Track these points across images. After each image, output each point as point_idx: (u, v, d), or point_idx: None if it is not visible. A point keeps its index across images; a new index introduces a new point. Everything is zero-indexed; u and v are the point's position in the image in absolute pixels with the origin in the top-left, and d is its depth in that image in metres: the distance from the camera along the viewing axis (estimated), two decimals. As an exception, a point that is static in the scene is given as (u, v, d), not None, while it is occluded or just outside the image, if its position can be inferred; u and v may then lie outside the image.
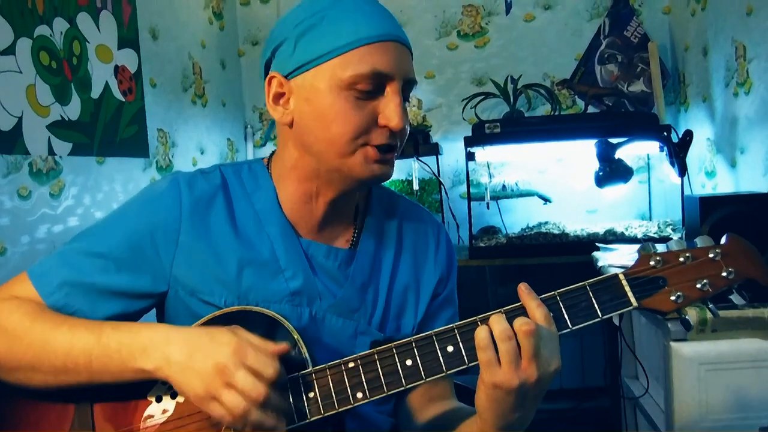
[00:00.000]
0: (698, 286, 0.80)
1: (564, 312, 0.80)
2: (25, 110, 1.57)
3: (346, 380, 0.82)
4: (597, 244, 2.18)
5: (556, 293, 0.81)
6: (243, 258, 0.92)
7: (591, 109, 2.70)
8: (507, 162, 2.81)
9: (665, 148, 2.26)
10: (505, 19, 2.88)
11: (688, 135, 2.16)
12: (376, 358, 0.82)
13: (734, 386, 1.35)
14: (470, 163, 2.49)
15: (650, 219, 2.76)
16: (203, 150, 2.60)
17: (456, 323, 0.82)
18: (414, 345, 0.82)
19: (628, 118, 2.48)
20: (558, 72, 2.85)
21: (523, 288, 0.80)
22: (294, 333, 0.84)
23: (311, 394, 0.82)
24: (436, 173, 2.67)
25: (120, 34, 2.00)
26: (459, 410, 0.98)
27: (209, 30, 2.73)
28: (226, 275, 0.92)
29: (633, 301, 0.80)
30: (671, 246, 0.82)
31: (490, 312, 0.80)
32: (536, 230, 2.54)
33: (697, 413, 1.35)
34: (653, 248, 0.82)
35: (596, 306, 0.80)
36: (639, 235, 2.36)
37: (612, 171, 2.26)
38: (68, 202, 1.74)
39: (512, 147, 2.49)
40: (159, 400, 0.86)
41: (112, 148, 1.93)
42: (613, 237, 2.37)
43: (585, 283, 0.81)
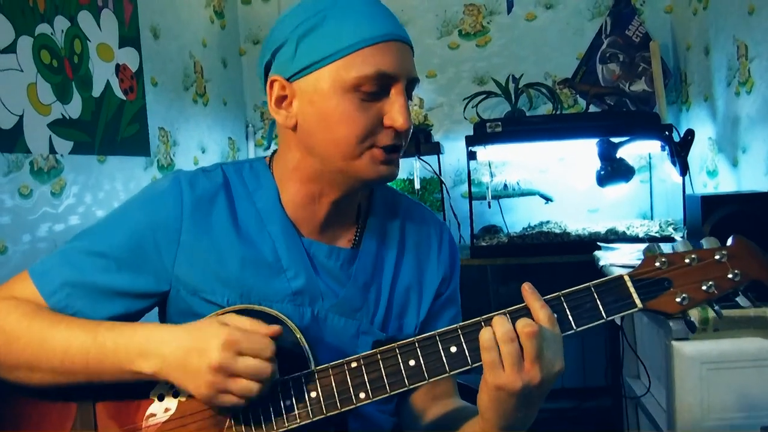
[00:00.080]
0: (704, 288, 0.79)
1: (568, 313, 0.79)
2: (26, 109, 1.57)
3: (349, 380, 0.81)
4: (598, 244, 2.18)
5: (561, 294, 0.80)
6: (245, 257, 0.92)
7: (592, 109, 2.70)
8: (508, 161, 2.80)
9: (667, 148, 2.26)
10: (507, 19, 2.88)
11: (690, 134, 2.16)
12: (379, 358, 0.81)
13: (736, 386, 1.34)
14: (472, 163, 2.48)
15: (652, 218, 2.75)
16: (204, 149, 2.60)
17: (459, 323, 0.81)
18: (417, 345, 0.81)
19: (630, 118, 2.48)
20: (559, 71, 2.84)
21: (527, 288, 0.79)
22: (297, 332, 0.84)
23: (314, 394, 0.82)
24: (438, 172, 2.67)
25: (121, 33, 2.00)
26: (462, 410, 0.97)
27: (210, 29, 2.73)
28: (228, 274, 0.92)
29: (638, 303, 0.79)
30: (677, 247, 0.81)
31: (494, 312, 0.80)
32: (538, 229, 2.54)
33: (699, 413, 1.35)
34: (658, 249, 0.81)
35: (601, 307, 0.79)
36: (640, 235, 2.36)
37: (613, 170, 2.26)
38: (69, 201, 1.73)
39: (514, 146, 2.50)
40: (161, 399, 0.86)
41: (114, 147, 1.93)
42: (615, 236, 2.37)
43: (589, 284, 0.81)
